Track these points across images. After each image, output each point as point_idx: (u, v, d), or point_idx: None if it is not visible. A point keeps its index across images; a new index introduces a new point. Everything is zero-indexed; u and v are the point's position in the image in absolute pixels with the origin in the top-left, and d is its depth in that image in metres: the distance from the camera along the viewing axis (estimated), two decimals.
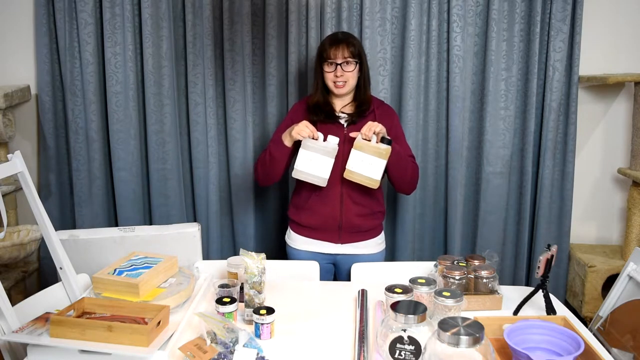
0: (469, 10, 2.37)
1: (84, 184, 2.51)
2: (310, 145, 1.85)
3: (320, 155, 1.85)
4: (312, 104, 1.97)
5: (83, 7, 2.37)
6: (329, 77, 1.92)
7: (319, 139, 1.85)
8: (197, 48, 2.43)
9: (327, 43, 1.93)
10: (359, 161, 1.84)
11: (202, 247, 1.90)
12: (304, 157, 1.86)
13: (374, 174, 1.85)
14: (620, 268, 2.00)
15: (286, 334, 1.44)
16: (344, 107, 1.99)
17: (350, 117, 1.96)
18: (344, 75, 1.90)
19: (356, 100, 1.98)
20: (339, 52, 1.89)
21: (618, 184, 2.61)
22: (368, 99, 1.98)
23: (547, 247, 1.53)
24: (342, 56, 1.89)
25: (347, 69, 1.90)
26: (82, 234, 1.79)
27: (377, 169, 1.85)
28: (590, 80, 2.41)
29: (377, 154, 1.84)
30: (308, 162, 1.86)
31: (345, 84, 1.91)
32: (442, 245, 2.58)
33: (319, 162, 1.85)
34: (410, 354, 1.16)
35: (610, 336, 1.85)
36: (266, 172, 1.96)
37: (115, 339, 1.27)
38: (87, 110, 2.45)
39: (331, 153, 1.85)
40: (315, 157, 1.85)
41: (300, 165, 1.87)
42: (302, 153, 1.86)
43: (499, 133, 2.44)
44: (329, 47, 1.91)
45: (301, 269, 1.93)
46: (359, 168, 1.85)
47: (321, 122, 1.95)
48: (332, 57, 1.89)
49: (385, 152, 1.84)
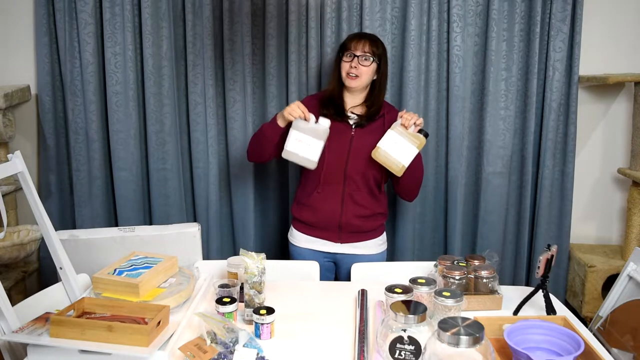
0: (469, 10, 2.37)
1: (84, 184, 2.51)
2: (301, 126, 1.85)
3: (309, 137, 1.84)
4: (327, 96, 1.99)
5: (83, 7, 2.37)
6: (344, 67, 1.94)
7: (311, 120, 1.85)
8: (197, 48, 2.43)
9: (352, 36, 1.99)
10: (392, 142, 1.85)
11: (202, 247, 1.91)
12: (294, 138, 1.85)
13: (403, 158, 1.85)
14: (620, 268, 2.00)
15: (286, 334, 1.44)
16: (355, 107, 1.99)
17: (359, 118, 1.96)
18: (358, 68, 1.91)
19: (368, 102, 1.99)
20: (359, 45, 1.92)
21: (618, 184, 2.61)
22: (380, 103, 1.99)
23: (547, 247, 1.53)
24: (362, 50, 1.92)
25: (363, 63, 1.91)
26: (82, 234, 1.79)
27: (408, 155, 1.85)
28: (590, 80, 2.41)
29: (413, 141, 1.84)
30: (297, 142, 1.85)
31: (358, 78, 1.92)
32: (442, 245, 2.58)
33: (309, 143, 1.84)
34: (410, 354, 1.16)
35: (610, 336, 1.85)
36: (254, 149, 2.00)
37: (115, 339, 1.27)
38: (87, 110, 2.45)
39: (321, 135, 1.84)
40: (304, 139, 1.84)
41: (290, 146, 1.86)
42: (292, 134, 1.85)
43: (499, 133, 2.43)
44: (352, 39, 1.96)
45: (301, 268, 1.93)
46: (391, 149, 1.85)
47: (330, 118, 1.95)
48: (352, 48, 1.93)
49: (420, 142, 1.85)
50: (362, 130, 1.94)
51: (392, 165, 1.86)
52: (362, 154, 1.91)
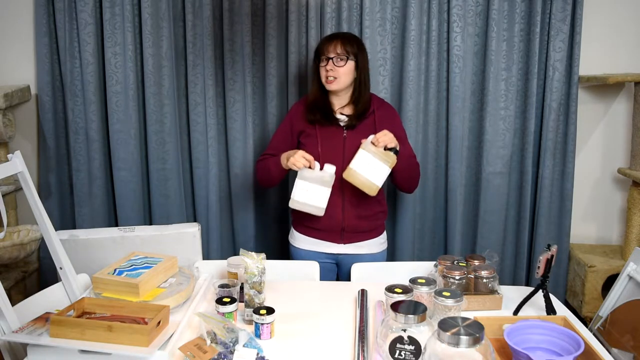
0: (469, 10, 2.37)
1: (84, 184, 2.51)
2: (307, 175, 1.83)
3: (316, 185, 1.83)
4: (310, 102, 1.98)
5: (83, 7, 2.37)
6: (321, 72, 1.93)
7: (316, 168, 1.84)
8: (197, 48, 2.43)
9: (324, 39, 1.96)
10: (364, 163, 1.82)
11: (202, 247, 1.90)
12: (301, 187, 1.84)
13: (376, 179, 1.83)
14: (620, 268, 2.00)
15: (286, 334, 1.44)
16: (343, 108, 1.98)
17: (349, 119, 1.95)
18: (334, 71, 1.89)
19: (354, 101, 1.97)
20: (331, 47, 1.90)
21: (618, 184, 2.61)
22: (367, 100, 1.97)
23: (547, 247, 1.53)
24: (335, 51, 1.90)
25: (338, 64, 1.90)
26: (82, 234, 1.79)
27: (380, 174, 1.83)
28: (590, 80, 2.41)
29: (384, 160, 1.82)
30: (304, 192, 1.84)
31: (336, 80, 1.90)
32: (442, 245, 2.58)
33: (316, 191, 1.83)
34: (410, 354, 1.16)
35: (610, 336, 1.85)
36: (264, 182, 2.06)
37: (115, 339, 1.27)
38: (87, 110, 2.45)
39: (328, 183, 1.83)
40: (311, 187, 1.83)
41: (297, 196, 1.85)
42: (299, 183, 1.84)
43: (499, 133, 2.44)
44: (324, 42, 1.94)
45: (301, 268, 1.93)
46: (363, 170, 1.82)
47: (320, 123, 1.94)
48: (325, 51, 1.91)
49: (392, 160, 1.83)
50: (354, 131, 1.93)
51: (366, 184, 1.83)
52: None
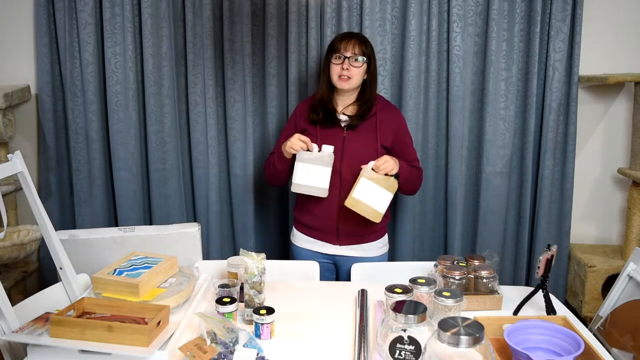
0: (469, 10, 2.37)
1: (84, 184, 2.51)
2: (306, 157, 1.83)
3: (316, 165, 1.83)
4: (317, 99, 1.97)
5: (83, 7, 2.37)
6: (335, 70, 1.92)
7: (314, 149, 1.84)
8: (197, 48, 2.43)
9: (340, 37, 1.95)
10: (366, 191, 1.80)
11: (202, 247, 1.91)
12: (301, 170, 1.84)
13: (379, 206, 1.82)
14: (620, 268, 2.00)
15: (286, 334, 1.44)
16: (346, 108, 1.98)
17: (351, 119, 1.95)
18: (350, 70, 1.89)
19: (360, 101, 1.97)
20: (349, 46, 1.90)
21: (618, 184, 2.61)
22: (372, 100, 1.97)
23: (547, 247, 1.53)
24: (352, 51, 1.90)
25: (354, 64, 1.89)
26: (82, 234, 1.79)
27: (383, 201, 1.82)
28: (590, 80, 2.41)
29: (387, 186, 1.82)
30: (305, 174, 1.84)
31: (350, 80, 1.90)
32: (442, 245, 2.58)
33: (317, 172, 1.83)
34: (410, 354, 1.16)
35: (610, 336, 1.85)
36: (272, 179, 2.08)
37: (115, 339, 1.27)
38: (87, 110, 2.45)
39: (328, 162, 1.83)
40: (312, 169, 1.83)
41: (298, 179, 1.85)
42: (299, 166, 1.84)
43: (499, 133, 2.43)
44: (340, 40, 1.92)
45: (301, 268, 1.93)
46: (366, 198, 1.81)
47: (321, 125, 1.94)
48: (341, 50, 1.90)
49: (394, 186, 1.83)
50: (354, 132, 1.93)
51: (370, 212, 1.82)
52: (355, 155, 1.90)
